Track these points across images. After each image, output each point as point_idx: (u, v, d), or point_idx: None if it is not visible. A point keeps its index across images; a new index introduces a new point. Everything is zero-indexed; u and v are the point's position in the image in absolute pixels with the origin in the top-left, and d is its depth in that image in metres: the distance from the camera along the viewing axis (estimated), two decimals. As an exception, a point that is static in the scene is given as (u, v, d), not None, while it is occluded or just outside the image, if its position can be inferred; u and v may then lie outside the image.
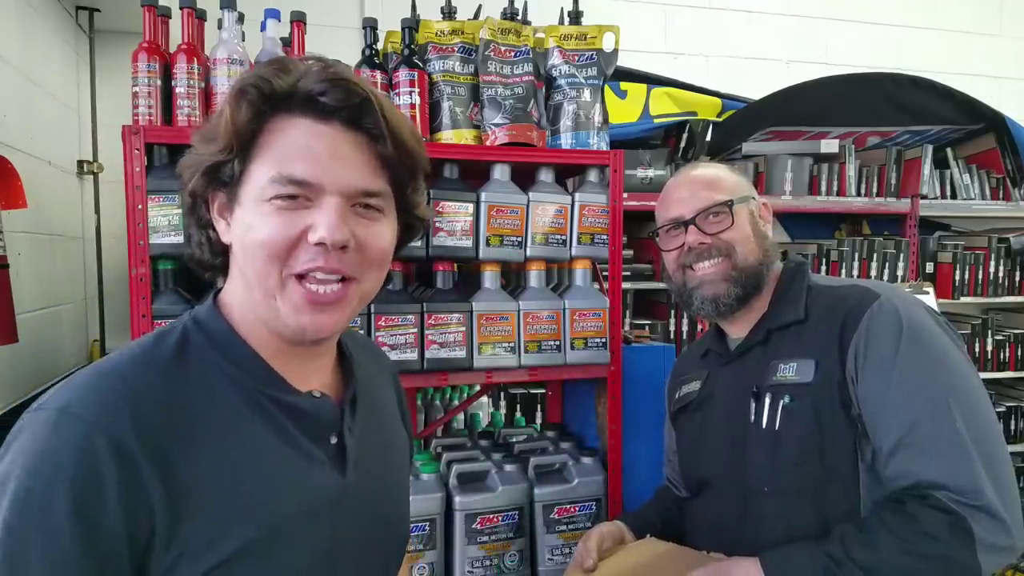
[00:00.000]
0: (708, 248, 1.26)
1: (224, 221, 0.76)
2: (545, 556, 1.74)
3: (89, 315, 3.06)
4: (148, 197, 1.50)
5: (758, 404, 1.20)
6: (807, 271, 1.30)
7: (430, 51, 1.77)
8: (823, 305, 1.21)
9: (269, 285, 0.73)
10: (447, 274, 1.74)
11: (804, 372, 1.16)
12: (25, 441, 0.65)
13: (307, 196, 0.72)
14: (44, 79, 2.57)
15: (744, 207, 1.28)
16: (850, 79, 3.24)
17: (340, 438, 0.81)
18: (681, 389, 1.42)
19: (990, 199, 3.57)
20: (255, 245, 0.72)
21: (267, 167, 0.72)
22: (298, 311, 0.73)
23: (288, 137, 0.73)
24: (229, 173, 0.73)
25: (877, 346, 1.10)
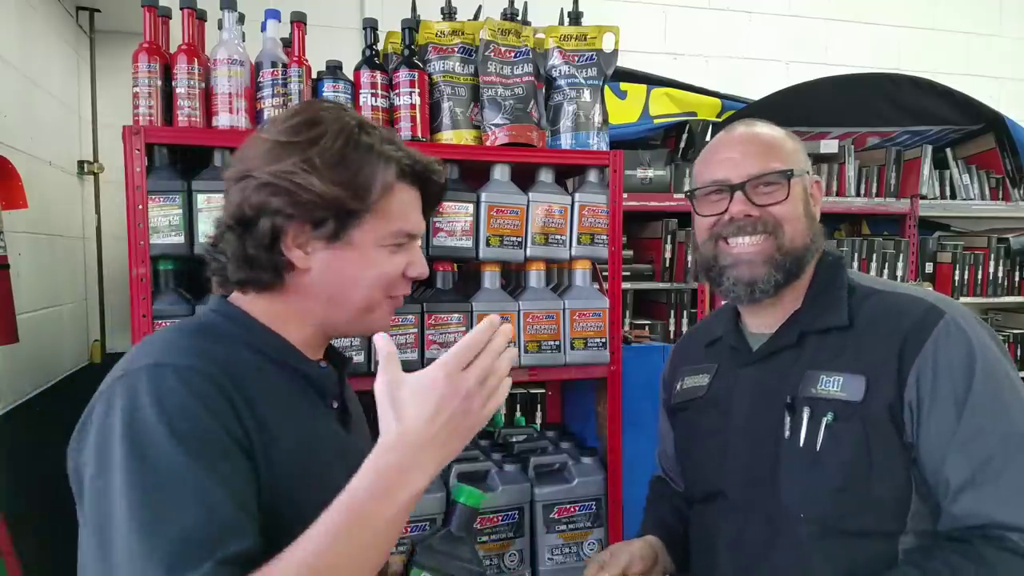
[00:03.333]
0: (753, 222, 1.10)
1: (300, 250, 0.88)
2: (545, 556, 1.75)
3: (89, 315, 3.06)
4: (148, 197, 1.51)
5: (794, 418, 1.06)
6: (845, 269, 1.16)
7: (430, 52, 1.78)
8: (872, 313, 1.08)
9: (373, 303, 0.92)
10: (447, 274, 1.74)
11: (852, 390, 1.03)
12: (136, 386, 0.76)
13: (407, 242, 0.94)
14: (44, 79, 2.57)
15: (800, 181, 1.12)
16: (850, 79, 3.24)
17: (342, 402, 0.98)
18: (684, 381, 1.29)
19: (989, 199, 3.57)
20: (374, 276, 0.91)
21: (392, 223, 0.90)
22: (385, 318, 0.96)
23: (404, 200, 0.92)
24: (353, 220, 0.87)
25: (949, 377, 0.99)
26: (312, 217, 0.85)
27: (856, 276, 1.16)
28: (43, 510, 2.33)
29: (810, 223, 1.13)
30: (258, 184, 0.85)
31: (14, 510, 1.88)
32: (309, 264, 0.88)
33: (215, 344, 0.86)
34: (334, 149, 0.85)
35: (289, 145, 0.85)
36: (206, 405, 0.76)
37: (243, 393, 0.81)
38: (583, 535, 1.78)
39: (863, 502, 1.01)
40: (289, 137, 0.86)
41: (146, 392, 0.75)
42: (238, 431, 0.78)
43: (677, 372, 1.32)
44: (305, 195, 0.84)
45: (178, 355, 0.80)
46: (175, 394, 0.76)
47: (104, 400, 0.78)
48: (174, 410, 0.75)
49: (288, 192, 0.84)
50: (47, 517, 2.37)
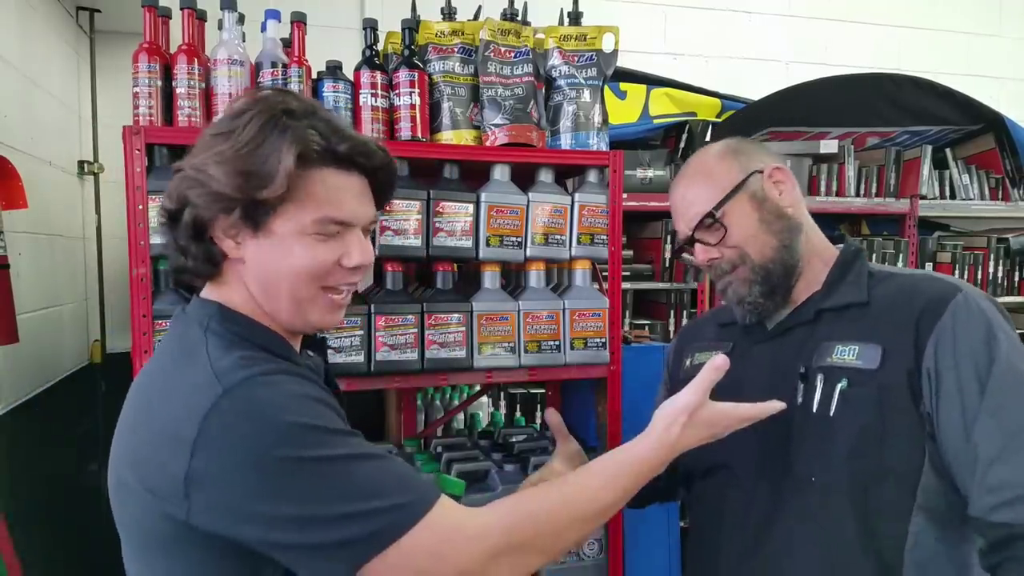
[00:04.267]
0: (719, 261, 1.18)
1: (232, 241, 0.88)
2: (545, 556, 1.74)
3: (90, 315, 3.06)
4: (149, 197, 1.50)
5: (807, 386, 1.09)
6: (865, 258, 1.21)
7: (430, 52, 1.78)
8: (889, 290, 1.12)
9: (302, 296, 0.90)
10: (447, 274, 1.74)
11: (868, 357, 1.06)
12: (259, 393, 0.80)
13: (339, 231, 0.90)
14: (44, 79, 2.57)
15: (739, 200, 1.16)
16: (850, 79, 3.24)
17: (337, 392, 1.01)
18: (695, 357, 1.31)
19: (989, 199, 3.58)
20: (297, 267, 0.88)
21: (311, 210, 0.87)
22: (323, 313, 0.92)
23: (328, 186, 0.88)
24: (265, 210, 0.86)
25: (969, 350, 1.01)
26: (224, 208, 0.85)
27: (877, 266, 1.21)
28: (43, 510, 2.34)
29: (772, 224, 1.17)
30: (180, 177, 0.88)
31: (14, 510, 1.88)
32: (242, 254, 0.89)
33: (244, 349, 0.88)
34: (245, 138, 0.84)
35: (215, 137, 0.87)
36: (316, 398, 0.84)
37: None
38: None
39: (875, 469, 1.03)
40: (217, 129, 0.88)
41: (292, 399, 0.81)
42: None
43: (687, 349, 1.36)
44: (214, 186, 0.84)
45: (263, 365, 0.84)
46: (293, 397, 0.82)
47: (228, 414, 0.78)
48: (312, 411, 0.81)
49: (200, 184, 0.85)
50: (47, 517, 2.37)
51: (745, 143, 1.26)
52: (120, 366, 1.76)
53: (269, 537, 0.75)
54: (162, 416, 0.80)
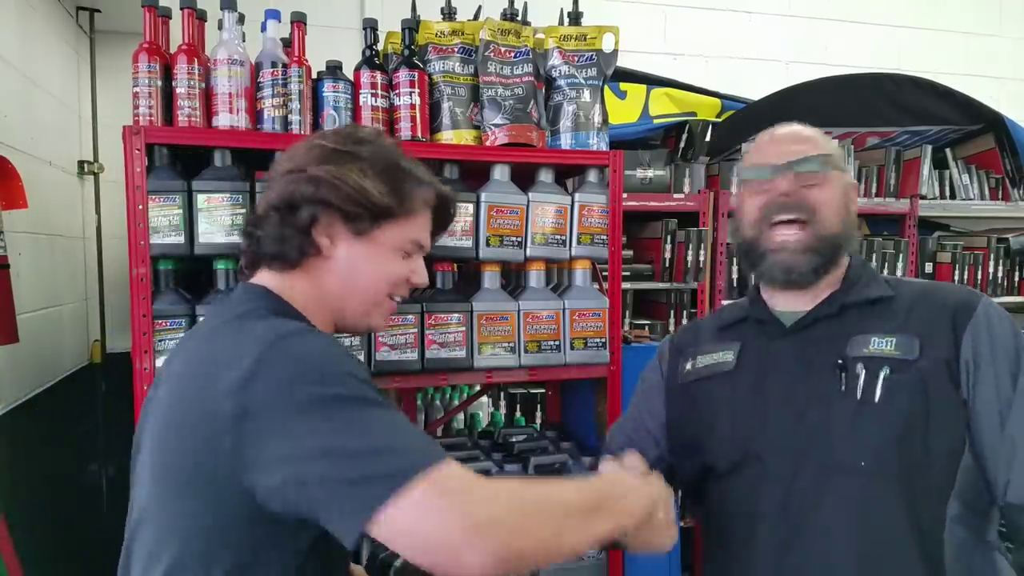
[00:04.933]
0: (795, 202, 1.17)
1: (327, 238, 1.01)
2: (545, 556, 1.74)
3: (90, 315, 3.06)
4: (148, 197, 1.51)
5: (848, 376, 1.12)
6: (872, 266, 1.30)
7: (430, 52, 1.78)
8: (913, 290, 1.19)
9: (375, 299, 1.07)
10: (447, 274, 1.74)
11: (907, 348, 1.11)
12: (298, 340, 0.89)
13: (415, 253, 1.09)
14: (44, 79, 2.57)
15: (839, 176, 1.21)
16: (849, 79, 3.24)
17: None
18: (698, 360, 1.30)
19: (989, 199, 3.57)
20: (385, 273, 1.05)
21: (412, 232, 1.07)
22: (384, 317, 1.10)
23: (424, 220, 1.10)
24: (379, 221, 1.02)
25: (1003, 345, 1.09)
26: (352, 211, 0.99)
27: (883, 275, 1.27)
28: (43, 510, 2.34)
29: (846, 215, 1.21)
30: (310, 177, 0.99)
31: (14, 510, 1.88)
32: (333, 252, 1.02)
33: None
34: (388, 161, 1.03)
35: (340, 153, 1.01)
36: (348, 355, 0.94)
37: None
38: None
39: (921, 452, 1.07)
40: (341, 146, 1.02)
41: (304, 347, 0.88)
42: None
43: (684, 353, 1.34)
44: (354, 193, 0.99)
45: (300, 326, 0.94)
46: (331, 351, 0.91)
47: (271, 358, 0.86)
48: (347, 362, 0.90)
49: (337, 188, 0.98)
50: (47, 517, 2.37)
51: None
52: (120, 366, 1.77)
53: (299, 471, 0.79)
54: (218, 357, 0.88)
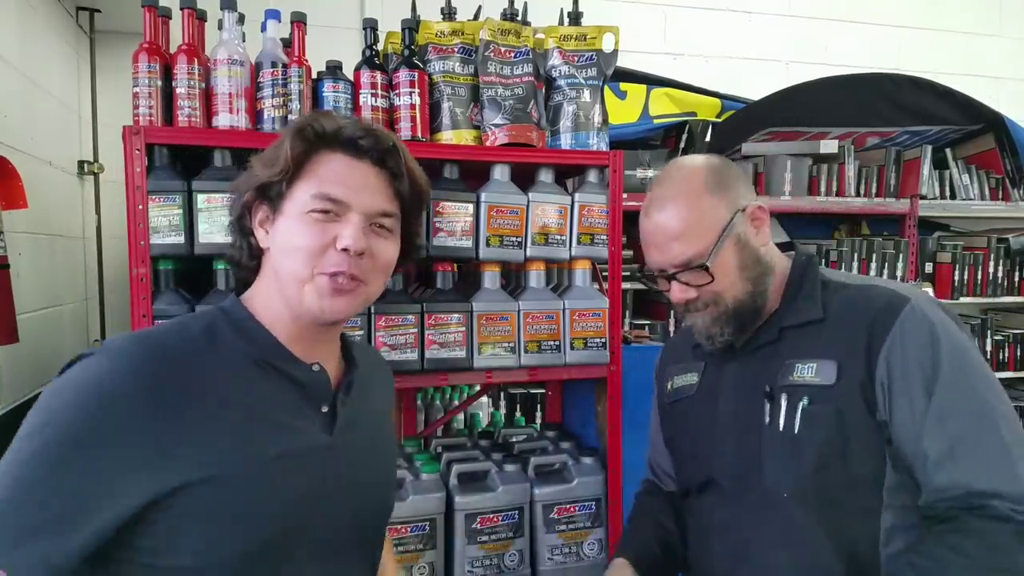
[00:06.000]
0: (694, 300, 1.18)
1: (264, 230, 0.95)
2: (545, 556, 1.75)
3: (89, 315, 3.06)
4: (148, 197, 1.51)
5: (773, 405, 1.14)
6: (817, 266, 1.23)
7: (430, 52, 1.78)
8: (842, 303, 1.15)
9: (302, 276, 0.91)
10: (447, 274, 1.74)
11: (825, 374, 1.10)
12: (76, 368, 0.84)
13: (337, 212, 0.92)
14: (45, 79, 2.57)
15: (727, 244, 1.15)
16: (850, 79, 3.24)
17: (332, 408, 0.97)
18: (674, 380, 1.35)
19: (989, 199, 3.58)
20: (296, 246, 0.91)
21: (311, 186, 0.92)
22: (321, 296, 0.92)
23: (329, 165, 0.94)
24: (278, 190, 0.92)
25: (917, 358, 1.06)
26: (252, 195, 0.95)
27: (828, 272, 1.23)
28: (43, 510, 2.33)
29: (751, 270, 1.17)
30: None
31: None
32: (268, 244, 0.95)
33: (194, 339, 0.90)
34: (279, 139, 0.95)
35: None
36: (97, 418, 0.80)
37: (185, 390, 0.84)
38: (583, 535, 1.78)
39: (842, 479, 1.08)
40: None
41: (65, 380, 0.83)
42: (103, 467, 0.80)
43: (666, 371, 1.39)
44: (250, 174, 0.95)
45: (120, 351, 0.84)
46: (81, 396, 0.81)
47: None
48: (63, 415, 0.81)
49: (243, 176, 0.97)
50: (47, 517, 2.37)
51: (728, 169, 1.21)
52: (120, 366, 1.76)
53: None
54: None
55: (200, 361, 0.88)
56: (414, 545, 1.63)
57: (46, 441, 0.79)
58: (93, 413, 0.79)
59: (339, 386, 0.99)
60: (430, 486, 1.67)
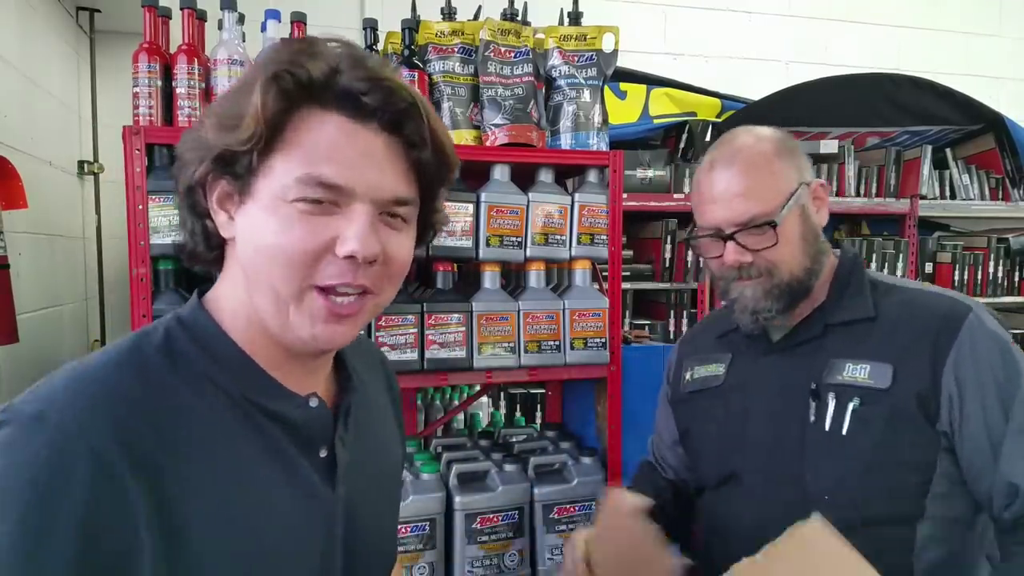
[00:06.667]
0: (748, 266, 1.10)
1: (225, 213, 0.69)
2: (545, 556, 1.75)
3: (89, 315, 3.06)
4: (149, 197, 1.50)
5: (819, 404, 1.09)
6: (863, 265, 1.19)
7: (430, 52, 1.78)
8: (896, 305, 1.11)
9: (283, 293, 0.66)
10: (447, 274, 1.74)
11: (879, 376, 1.06)
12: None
13: (334, 201, 0.66)
14: (45, 79, 2.57)
15: (793, 211, 1.10)
16: (850, 79, 3.24)
17: (330, 451, 0.75)
18: (695, 371, 1.29)
19: (989, 199, 3.58)
20: (273, 249, 0.65)
21: (294, 164, 0.65)
22: (314, 321, 0.67)
23: (321, 134, 0.65)
24: (246, 164, 0.65)
25: (989, 369, 1.03)
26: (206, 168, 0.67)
27: (875, 274, 1.19)
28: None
29: (810, 245, 1.12)
30: (181, 137, 0.71)
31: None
32: (233, 231, 0.69)
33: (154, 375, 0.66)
34: (238, 83, 0.67)
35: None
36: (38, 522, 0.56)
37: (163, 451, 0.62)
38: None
39: (887, 485, 1.04)
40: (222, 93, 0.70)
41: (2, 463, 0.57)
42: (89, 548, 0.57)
43: (684, 363, 1.34)
44: (200, 135, 0.67)
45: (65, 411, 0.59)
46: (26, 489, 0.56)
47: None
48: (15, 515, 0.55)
49: (190, 138, 0.69)
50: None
51: (794, 141, 1.17)
52: (120, 366, 1.76)
53: None
54: None
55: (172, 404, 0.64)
56: (414, 545, 1.63)
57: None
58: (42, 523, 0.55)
59: (336, 411, 0.77)
60: (430, 486, 1.67)
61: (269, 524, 0.68)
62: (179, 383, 0.66)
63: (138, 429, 0.61)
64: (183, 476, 0.63)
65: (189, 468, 0.63)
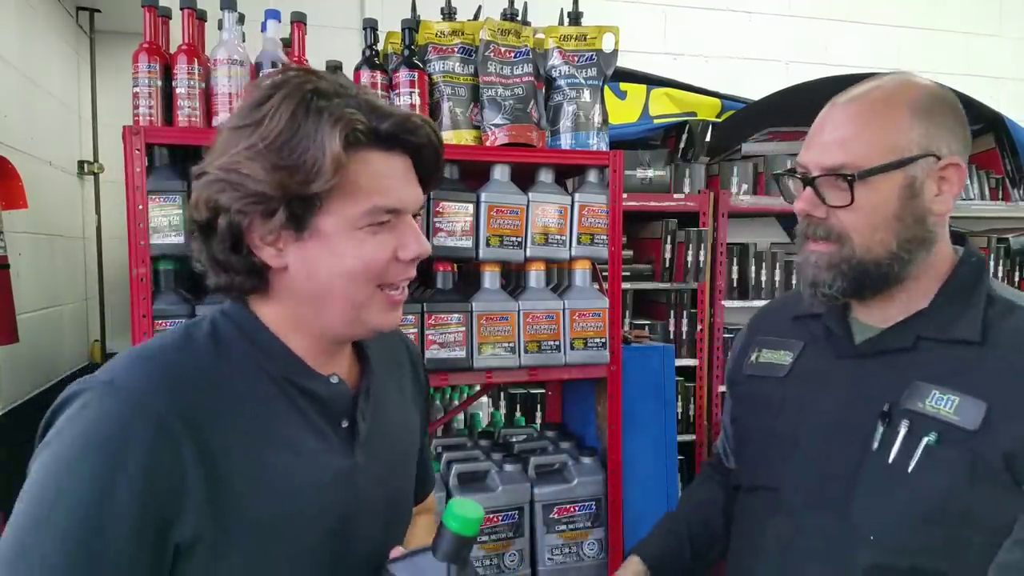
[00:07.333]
0: (817, 224, 0.98)
1: (271, 248, 0.79)
2: (545, 556, 1.75)
3: (89, 315, 3.06)
4: (149, 197, 1.51)
5: (888, 430, 0.94)
6: (987, 274, 0.99)
7: (430, 52, 1.78)
8: (1011, 332, 0.93)
9: (359, 299, 0.82)
10: (447, 274, 1.74)
11: (968, 414, 0.89)
12: (71, 412, 0.73)
13: (391, 221, 0.82)
14: (45, 79, 2.57)
15: (888, 179, 0.93)
16: (850, 79, 3.23)
17: (352, 423, 0.87)
18: (762, 353, 1.14)
19: (989, 199, 3.57)
20: (354, 268, 0.80)
21: (360, 200, 0.78)
22: (382, 313, 0.84)
23: (374, 171, 0.80)
24: (310, 207, 0.77)
25: None
26: (265, 210, 0.75)
27: (997, 286, 1.00)
28: (43, 510, 2.33)
29: (906, 225, 0.94)
30: (208, 181, 0.77)
31: (14, 510, 1.88)
32: (285, 262, 0.80)
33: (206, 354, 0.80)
34: (279, 127, 0.75)
35: (238, 131, 0.77)
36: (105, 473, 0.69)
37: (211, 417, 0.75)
38: (583, 535, 1.78)
39: (947, 541, 0.88)
40: (240, 121, 0.77)
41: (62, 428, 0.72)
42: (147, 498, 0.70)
43: (754, 341, 1.18)
44: (250, 186, 0.75)
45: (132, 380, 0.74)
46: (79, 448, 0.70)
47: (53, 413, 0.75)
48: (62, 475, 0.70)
49: (233, 186, 0.75)
50: (47, 517, 2.37)
51: (951, 108, 0.98)
52: (120, 366, 1.76)
53: None
54: None
55: (221, 380, 0.79)
56: (414, 545, 1.64)
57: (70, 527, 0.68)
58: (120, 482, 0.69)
59: (357, 390, 0.90)
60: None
61: (297, 478, 0.80)
62: (223, 363, 0.80)
63: (189, 398, 0.75)
64: (226, 435, 0.76)
65: (231, 429, 0.77)
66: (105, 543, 0.69)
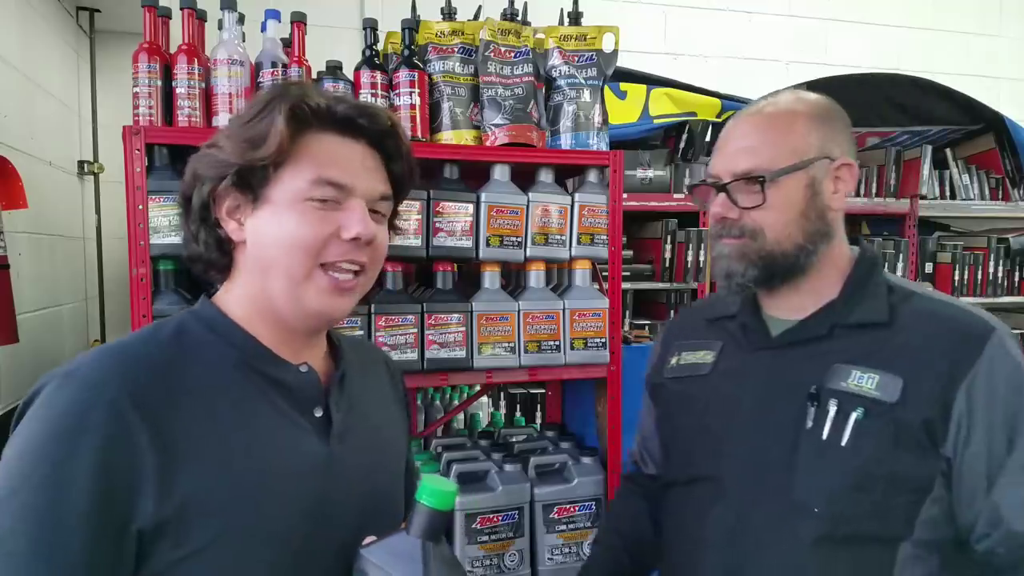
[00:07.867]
0: (730, 225, 1.07)
1: (234, 221, 0.85)
2: (545, 556, 1.75)
3: (89, 315, 3.06)
4: (149, 197, 1.50)
5: (818, 410, 1.02)
6: (883, 268, 1.11)
7: (430, 52, 1.78)
8: (915, 315, 1.04)
9: (297, 274, 0.83)
10: (447, 274, 1.74)
11: (888, 389, 0.99)
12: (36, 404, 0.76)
13: (337, 199, 0.84)
14: (45, 79, 2.57)
15: (793, 179, 1.04)
16: (850, 79, 3.24)
17: (325, 411, 0.89)
18: (681, 356, 1.22)
19: (989, 199, 3.58)
20: (293, 238, 0.82)
21: (306, 171, 0.83)
22: (321, 295, 0.84)
23: (325, 148, 0.85)
24: (262, 175, 0.83)
25: (1003, 398, 0.97)
26: (222, 173, 0.83)
27: (892, 277, 1.11)
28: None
29: (810, 220, 1.05)
30: (197, 156, 0.88)
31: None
32: (244, 236, 0.85)
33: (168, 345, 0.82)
34: (250, 112, 0.85)
35: (232, 121, 0.89)
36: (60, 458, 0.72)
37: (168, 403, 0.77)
38: (583, 535, 1.78)
39: (878, 503, 0.98)
40: (236, 115, 0.90)
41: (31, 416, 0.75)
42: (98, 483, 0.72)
43: (672, 346, 1.26)
44: (220, 156, 0.84)
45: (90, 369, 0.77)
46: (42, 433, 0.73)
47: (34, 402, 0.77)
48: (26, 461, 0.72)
49: (210, 157, 0.85)
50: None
51: (839, 116, 1.13)
52: (120, 366, 1.76)
53: None
54: None
55: (179, 368, 0.81)
56: (414, 545, 1.63)
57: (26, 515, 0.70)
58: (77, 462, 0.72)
59: (329, 384, 0.91)
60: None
61: (267, 462, 0.82)
62: (183, 351, 0.83)
63: (141, 383, 0.77)
64: (185, 419, 0.78)
65: (189, 414, 0.78)
66: (63, 527, 0.70)
